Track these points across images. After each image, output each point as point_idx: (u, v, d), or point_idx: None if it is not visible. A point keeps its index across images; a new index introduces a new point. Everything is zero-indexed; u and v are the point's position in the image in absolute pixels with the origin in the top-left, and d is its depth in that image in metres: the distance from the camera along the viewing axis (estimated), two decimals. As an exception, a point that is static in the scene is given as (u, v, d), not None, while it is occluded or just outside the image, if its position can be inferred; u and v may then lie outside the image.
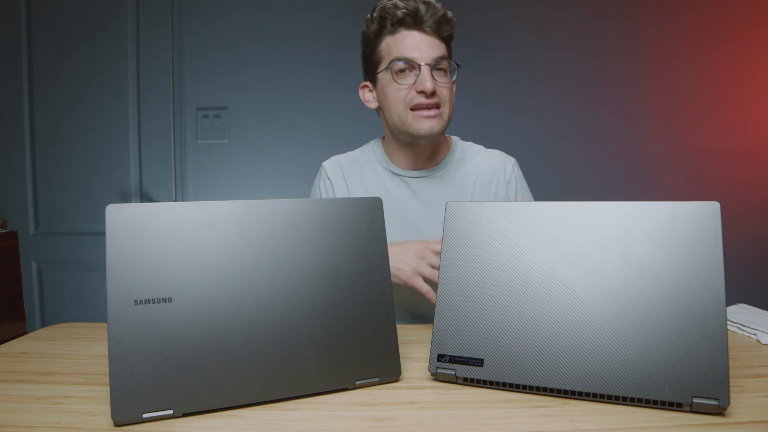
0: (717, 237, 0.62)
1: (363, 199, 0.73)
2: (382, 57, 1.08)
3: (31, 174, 2.17)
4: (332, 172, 1.20)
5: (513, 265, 0.70)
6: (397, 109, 1.08)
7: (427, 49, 1.04)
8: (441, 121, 1.08)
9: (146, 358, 0.60)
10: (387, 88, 1.08)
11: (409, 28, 1.05)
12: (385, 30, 1.07)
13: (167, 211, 0.64)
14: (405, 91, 1.06)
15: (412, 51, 1.04)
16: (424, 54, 1.04)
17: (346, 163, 1.21)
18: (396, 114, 1.08)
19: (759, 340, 0.87)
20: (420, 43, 1.04)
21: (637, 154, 2.17)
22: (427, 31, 1.05)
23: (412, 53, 1.04)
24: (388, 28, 1.06)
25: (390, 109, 1.09)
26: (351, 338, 0.69)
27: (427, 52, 1.04)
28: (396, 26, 1.05)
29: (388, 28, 1.06)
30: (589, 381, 0.63)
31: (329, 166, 1.21)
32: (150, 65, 2.15)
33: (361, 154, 1.22)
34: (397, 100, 1.07)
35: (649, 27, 2.15)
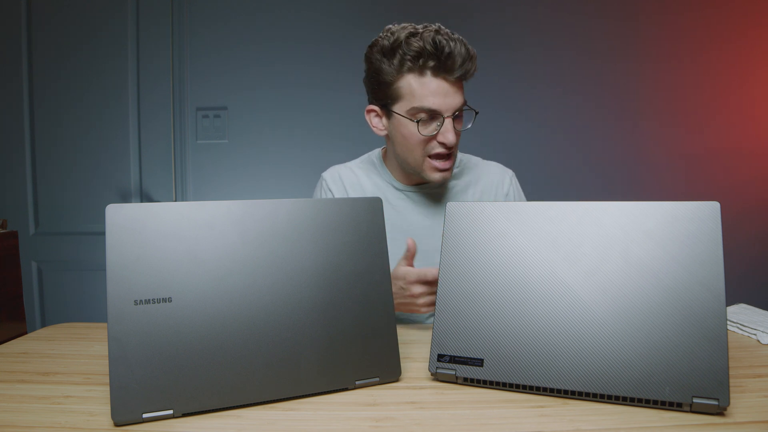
0: (717, 237, 0.62)
1: (363, 199, 0.73)
2: (401, 96, 1.02)
3: (31, 174, 2.17)
4: (333, 183, 1.19)
5: (513, 265, 0.70)
6: (414, 154, 1.06)
7: (452, 99, 1.00)
8: (452, 170, 1.09)
9: (146, 358, 0.60)
10: (404, 129, 1.04)
11: (435, 75, 0.99)
12: (405, 66, 0.99)
13: (167, 211, 0.64)
14: (426, 140, 1.03)
15: (437, 102, 0.99)
16: (449, 105, 1.00)
17: (346, 174, 1.20)
18: (411, 156, 1.07)
19: (759, 340, 0.87)
20: (446, 92, 0.99)
21: (637, 154, 2.17)
22: (451, 80, 0.99)
23: (437, 105, 0.99)
24: (409, 65, 0.99)
25: (405, 149, 1.06)
26: (351, 338, 0.69)
27: (452, 103, 1.00)
28: (424, 69, 0.98)
29: (409, 65, 0.99)
30: (589, 381, 0.63)
31: (330, 178, 1.20)
32: (150, 65, 2.15)
33: (361, 166, 1.21)
34: (415, 146, 1.04)
35: (649, 27, 2.14)
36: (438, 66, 0.98)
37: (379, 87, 1.05)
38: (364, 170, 1.20)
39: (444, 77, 0.99)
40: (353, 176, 1.19)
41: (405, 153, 1.07)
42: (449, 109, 1.00)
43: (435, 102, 0.99)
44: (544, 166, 2.13)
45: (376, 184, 1.18)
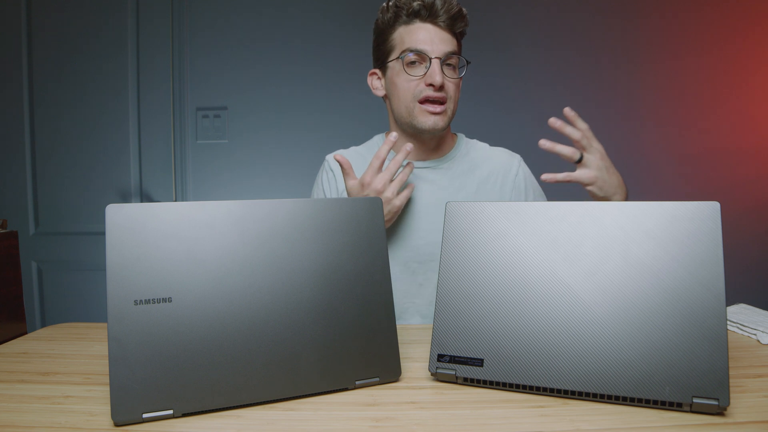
0: (717, 237, 0.62)
1: (363, 199, 0.73)
2: (394, 46, 1.10)
3: (31, 174, 2.17)
4: (335, 164, 1.20)
5: (513, 265, 0.70)
6: (405, 99, 1.09)
7: (439, 43, 1.06)
8: (445, 117, 1.10)
9: (146, 358, 0.60)
10: (396, 78, 1.09)
11: (423, 21, 1.06)
12: (399, 20, 1.08)
13: (167, 211, 0.64)
14: (414, 82, 1.07)
15: (424, 43, 1.05)
16: (436, 48, 1.05)
17: (349, 156, 1.21)
18: (404, 104, 1.10)
19: (759, 340, 0.87)
20: (433, 37, 1.06)
21: (637, 154, 2.17)
22: (440, 25, 1.06)
23: (424, 45, 1.05)
24: (403, 18, 1.07)
25: (398, 98, 1.11)
26: (351, 338, 0.69)
27: (438, 46, 1.05)
28: (411, 17, 1.07)
29: (402, 19, 1.07)
30: (589, 381, 0.63)
31: (332, 159, 1.21)
32: (150, 65, 2.15)
33: (365, 148, 1.24)
34: (405, 91, 1.08)
35: (649, 27, 2.15)
36: (424, 13, 1.06)
37: (377, 48, 1.14)
38: (367, 150, 1.23)
39: (431, 22, 1.06)
40: (356, 156, 1.21)
41: (398, 104, 1.11)
42: (436, 51, 1.05)
43: (421, 42, 1.06)
44: (544, 166, 2.13)
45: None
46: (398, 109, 1.12)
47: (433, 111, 1.08)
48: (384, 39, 1.12)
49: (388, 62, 1.11)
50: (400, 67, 1.08)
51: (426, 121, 1.08)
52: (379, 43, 1.13)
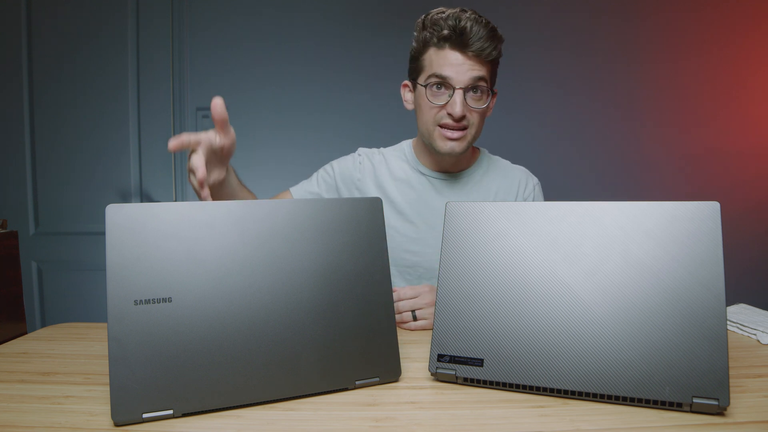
0: (717, 237, 0.62)
1: (363, 199, 0.73)
2: (423, 67, 1.09)
3: (31, 174, 2.17)
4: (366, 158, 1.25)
5: (513, 265, 0.70)
6: (427, 122, 1.11)
7: (466, 71, 1.04)
8: (464, 142, 1.10)
9: (146, 358, 0.60)
10: (421, 100, 1.11)
11: (453, 48, 1.05)
12: (431, 41, 1.07)
13: (167, 211, 0.64)
14: (436, 109, 1.08)
15: (449, 71, 1.04)
16: (461, 77, 1.04)
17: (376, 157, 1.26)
18: (425, 126, 1.12)
19: (759, 340, 0.87)
20: (459, 65, 1.04)
21: (637, 154, 2.17)
22: (469, 54, 1.04)
23: (449, 73, 1.05)
24: (434, 40, 1.06)
25: (420, 119, 1.13)
26: (351, 338, 0.69)
27: (464, 75, 1.04)
28: (441, 42, 1.05)
29: (433, 41, 1.06)
30: (589, 381, 0.63)
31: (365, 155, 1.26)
32: (150, 65, 2.15)
33: (391, 153, 1.27)
34: (427, 115, 1.10)
35: (649, 27, 2.15)
36: (454, 39, 1.04)
37: (411, 62, 1.15)
38: (394, 155, 1.26)
39: (460, 50, 1.04)
40: (382, 158, 1.25)
41: (421, 124, 1.13)
42: (461, 81, 1.04)
43: (447, 71, 1.05)
44: (544, 166, 2.13)
45: (402, 168, 1.23)
46: (420, 128, 1.15)
47: (450, 137, 1.09)
48: (417, 56, 1.11)
49: (417, 82, 1.12)
50: (425, 92, 1.09)
51: (443, 146, 1.10)
52: (414, 58, 1.13)
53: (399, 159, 1.24)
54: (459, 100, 1.05)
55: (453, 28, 1.03)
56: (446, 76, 1.05)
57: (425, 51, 1.09)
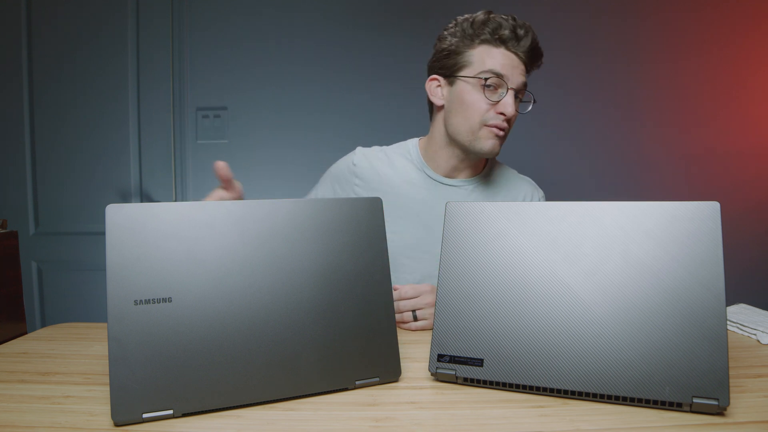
0: (717, 237, 0.62)
1: (363, 199, 0.73)
2: (471, 62, 1.07)
3: (31, 174, 2.17)
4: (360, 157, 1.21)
5: (513, 265, 0.70)
6: (472, 120, 1.08)
7: (519, 74, 1.06)
8: (500, 145, 1.10)
9: (146, 358, 0.60)
10: (467, 95, 1.07)
11: (508, 49, 1.05)
12: (482, 37, 1.06)
13: (167, 211, 0.64)
14: (487, 106, 1.06)
15: (506, 70, 1.05)
16: (515, 78, 1.06)
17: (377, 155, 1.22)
18: (468, 124, 1.08)
19: (759, 340, 0.87)
20: (515, 67, 1.06)
21: (637, 154, 2.17)
22: (521, 57, 1.06)
23: (506, 72, 1.05)
24: (488, 37, 1.05)
25: (464, 116, 1.09)
26: (351, 338, 0.69)
27: (518, 78, 1.06)
28: (497, 41, 1.05)
29: (487, 38, 1.05)
30: (589, 381, 0.63)
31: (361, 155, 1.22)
32: (150, 65, 2.15)
33: (396, 149, 1.24)
34: (475, 111, 1.07)
35: (649, 27, 2.14)
36: (513, 40, 1.05)
37: (447, 57, 1.10)
38: (399, 154, 1.22)
39: (515, 52, 1.06)
40: (384, 156, 1.22)
41: (461, 121, 1.09)
42: (514, 82, 1.06)
43: (504, 69, 1.05)
44: (544, 166, 2.13)
45: (407, 169, 1.19)
46: (458, 126, 1.10)
47: (498, 133, 1.08)
48: (458, 51, 1.08)
49: (461, 76, 1.08)
50: (476, 87, 1.06)
51: (485, 145, 1.08)
52: (450, 54, 1.09)
53: (403, 158, 1.21)
54: (511, 100, 1.05)
55: (514, 30, 1.05)
56: (503, 74, 1.04)
57: (472, 47, 1.07)
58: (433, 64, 1.14)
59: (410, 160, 1.20)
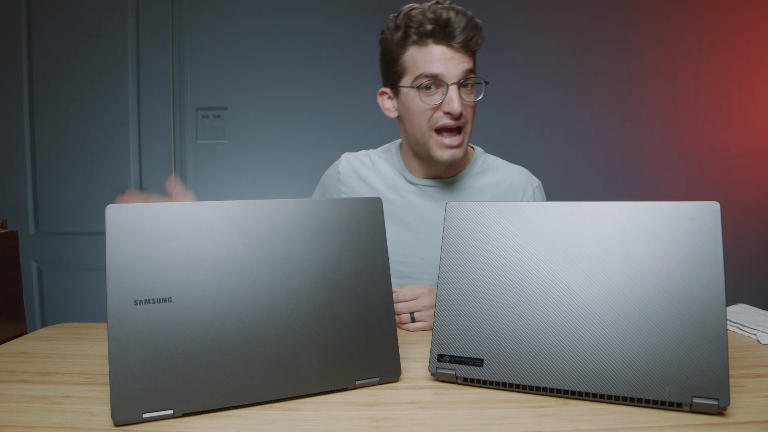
0: (717, 237, 0.62)
1: (363, 199, 0.73)
2: (406, 69, 1.02)
3: (31, 174, 2.17)
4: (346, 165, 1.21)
5: (513, 265, 0.70)
6: (420, 128, 1.03)
7: (456, 65, 0.98)
8: (462, 147, 1.04)
9: (146, 358, 0.60)
10: (410, 104, 1.02)
11: (437, 42, 0.98)
12: (409, 39, 1.00)
13: (167, 211, 0.64)
14: (431, 110, 1.00)
15: (440, 68, 0.98)
16: (453, 71, 0.98)
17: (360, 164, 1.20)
18: (419, 133, 1.04)
19: (759, 340, 0.87)
20: (448, 59, 0.98)
21: (637, 154, 2.17)
22: (455, 46, 0.98)
23: (440, 70, 0.98)
24: (413, 38, 0.99)
25: (412, 125, 1.04)
26: (351, 338, 0.69)
27: (455, 69, 0.98)
28: (423, 38, 0.98)
29: (413, 38, 0.99)
30: (589, 381, 0.63)
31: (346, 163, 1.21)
32: (150, 65, 2.15)
33: (380, 152, 1.22)
34: (420, 119, 1.02)
35: (649, 27, 2.14)
36: (438, 33, 0.97)
37: (387, 66, 1.06)
38: (382, 157, 1.20)
39: (446, 44, 0.98)
40: (368, 161, 1.20)
41: (413, 130, 1.05)
42: (453, 76, 0.98)
43: (437, 67, 0.98)
44: (544, 166, 2.13)
45: (389, 173, 1.16)
46: (413, 136, 1.06)
47: (450, 144, 1.02)
48: (394, 58, 1.03)
49: (401, 86, 1.04)
50: (415, 94, 1.01)
51: (442, 155, 1.03)
52: (389, 62, 1.05)
53: (387, 162, 1.18)
54: (455, 96, 0.98)
55: (435, 22, 0.96)
56: (437, 73, 0.97)
57: (403, 51, 1.01)
58: (381, 72, 1.10)
59: (392, 163, 1.17)
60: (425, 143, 1.04)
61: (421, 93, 1.00)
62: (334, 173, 1.22)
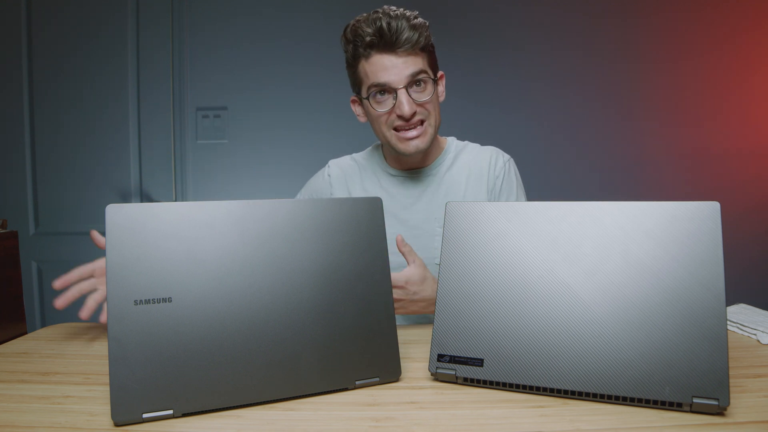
0: (717, 237, 0.62)
1: (363, 199, 0.73)
2: (361, 80, 1.09)
3: (31, 174, 2.17)
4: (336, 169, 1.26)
5: (513, 265, 0.70)
6: (381, 130, 1.10)
7: (401, 70, 1.03)
8: (426, 136, 1.09)
9: (146, 358, 0.60)
10: (370, 111, 1.10)
11: (381, 52, 1.03)
12: (358, 53, 1.06)
13: (167, 211, 0.64)
14: (385, 116, 1.07)
15: (385, 76, 1.03)
16: (398, 77, 1.03)
17: (347, 165, 1.27)
18: (381, 135, 1.12)
19: (759, 340, 0.87)
20: (394, 67, 1.03)
21: (637, 154, 2.17)
22: (398, 52, 1.02)
23: (386, 78, 1.03)
24: (361, 51, 1.05)
25: (375, 129, 1.13)
26: (351, 338, 0.69)
27: (400, 75, 1.03)
28: (367, 50, 1.04)
29: (360, 52, 1.05)
30: (589, 381, 0.63)
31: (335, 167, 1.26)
32: (150, 65, 2.15)
33: (364, 158, 1.28)
34: (379, 123, 1.09)
35: (649, 27, 2.15)
36: (379, 44, 1.02)
37: (350, 77, 1.14)
38: (365, 160, 1.26)
39: (389, 51, 1.03)
40: (354, 166, 1.26)
41: (377, 132, 1.13)
42: (398, 81, 1.03)
43: (383, 76, 1.03)
44: (543, 166, 2.13)
45: (374, 172, 1.23)
46: (380, 137, 1.14)
47: (408, 136, 1.07)
48: (352, 71, 1.11)
49: (361, 96, 1.11)
50: (370, 103, 1.08)
51: (407, 148, 1.09)
52: (350, 74, 1.13)
53: (370, 161, 1.25)
54: (404, 99, 1.03)
55: (373, 34, 1.01)
56: (383, 82, 1.03)
57: (357, 64, 1.07)
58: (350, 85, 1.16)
59: (376, 161, 1.24)
60: (389, 142, 1.11)
61: (374, 102, 1.07)
62: (324, 178, 1.26)
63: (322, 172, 1.27)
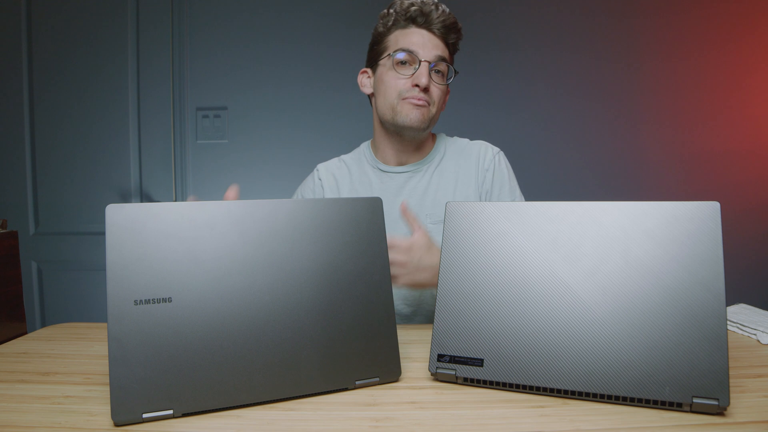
0: (717, 237, 0.62)
1: (363, 199, 0.73)
2: (387, 47, 1.13)
3: (31, 174, 2.17)
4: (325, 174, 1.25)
5: (513, 265, 0.70)
6: (390, 96, 1.11)
7: (431, 48, 1.09)
8: (428, 114, 1.11)
9: (146, 358, 0.60)
10: (384, 75, 1.13)
11: (418, 26, 1.10)
12: (397, 24, 1.12)
13: (167, 211, 0.64)
14: (402, 81, 1.10)
15: (416, 45, 1.09)
16: (427, 52, 1.09)
17: (336, 167, 1.26)
18: (388, 102, 1.12)
19: (759, 340, 0.87)
20: (426, 41, 1.09)
21: (637, 154, 2.17)
22: (434, 32, 1.10)
23: (415, 47, 1.09)
24: (400, 23, 1.11)
25: (383, 95, 1.13)
26: (351, 338, 0.69)
27: (430, 51, 1.09)
28: (407, 22, 1.11)
29: (400, 23, 1.11)
30: (589, 381, 0.63)
31: (323, 170, 1.26)
32: (150, 65, 2.15)
33: (351, 157, 1.27)
34: (392, 88, 1.11)
35: (649, 27, 2.15)
36: (420, 18, 1.10)
37: (372, 48, 1.18)
38: (353, 159, 1.26)
39: (426, 28, 1.10)
40: (342, 166, 1.26)
41: (383, 101, 1.14)
42: (426, 55, 1.09)
43: (414, 45, 1.09)
44: (543, 166, 2.13)
45: (363, 170, 1.23)
46: (382, 107, 1.14)
47: (416, 103, 1.09)
48: (379, 41, 1.15)
49: (380, 60, 1.14)
50: (390, 65, 1.11)
51: (408, 115, 1.10)
52: (374, 45, 1.17)
53: (357, 160, 1.25)
54: (425, 71, 1.08)
55: (420, 9, 1.09)
56: (413, 49, 1.08)
57: (389, 35, 1.13)
58: (367, 56, 1.21)
59: (364, 160, 1.24)
60: (393, 109, 1.12)
61: (396, 65, 1.11)
62: (315, 182, 1.25)
63: (312, 177, 1.27)
